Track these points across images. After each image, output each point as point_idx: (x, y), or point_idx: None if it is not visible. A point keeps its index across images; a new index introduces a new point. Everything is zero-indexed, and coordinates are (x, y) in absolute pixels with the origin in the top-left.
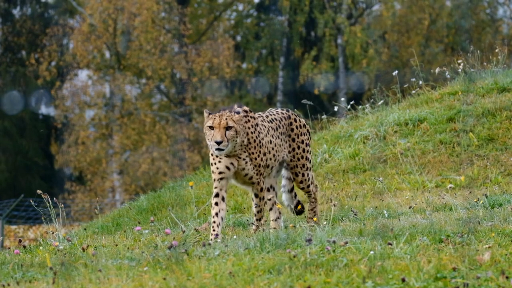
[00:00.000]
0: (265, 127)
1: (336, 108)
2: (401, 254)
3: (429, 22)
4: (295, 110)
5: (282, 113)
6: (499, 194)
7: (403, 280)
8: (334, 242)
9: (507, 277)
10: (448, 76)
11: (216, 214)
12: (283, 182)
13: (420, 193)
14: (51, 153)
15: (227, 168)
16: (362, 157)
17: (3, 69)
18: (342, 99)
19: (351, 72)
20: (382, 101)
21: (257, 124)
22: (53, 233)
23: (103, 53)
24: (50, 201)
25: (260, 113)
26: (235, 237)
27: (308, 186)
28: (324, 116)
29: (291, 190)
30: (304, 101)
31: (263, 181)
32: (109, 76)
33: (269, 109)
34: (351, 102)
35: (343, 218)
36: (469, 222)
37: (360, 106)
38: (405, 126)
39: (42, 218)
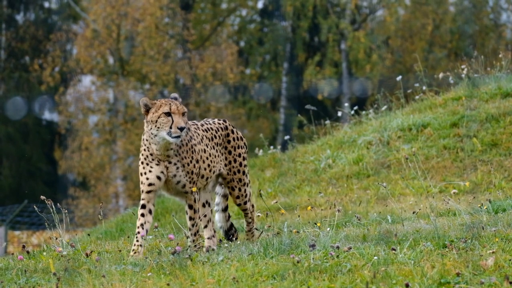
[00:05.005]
0: (199, 135)
1: (339, 114)
2: (404, 260)
3: (433, 28)
4: (299, 115)
5: (219, 123)
6: (502, 199)
7: (407, 285)
8: (337, 247)
9: (510, 283)
10: (452, 81)
11: (142, 225)
12: (217, 199)
13: (423, 198)
14: (55, 158)
15: (158, 178)
16: (365, 163)
17: (6, 74)
18: (346, 104)
19: (355, 77)
20: (385, 107)
21: (189, 129)
22: (56, 238)
23: (107, 58)
24: (53, 206)
25: (194, 121)
26: (238, 242)
27: (245, 203)
28: (327, 122)
29: (225, 209)
30: (307, 106)
31: (197, 191)
32: (112, 81)
33: (205, 119)
34: (355, 108)
35: (347, 224)
36: (472, 228)
37: (363, 112)
38: (409, 131)
39: (46, 223)
